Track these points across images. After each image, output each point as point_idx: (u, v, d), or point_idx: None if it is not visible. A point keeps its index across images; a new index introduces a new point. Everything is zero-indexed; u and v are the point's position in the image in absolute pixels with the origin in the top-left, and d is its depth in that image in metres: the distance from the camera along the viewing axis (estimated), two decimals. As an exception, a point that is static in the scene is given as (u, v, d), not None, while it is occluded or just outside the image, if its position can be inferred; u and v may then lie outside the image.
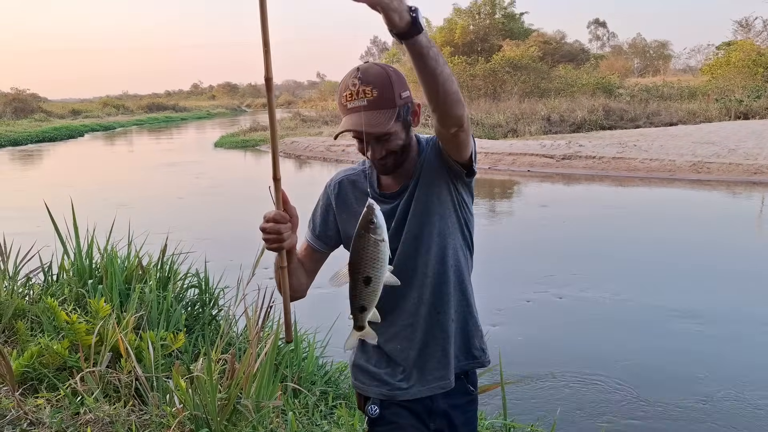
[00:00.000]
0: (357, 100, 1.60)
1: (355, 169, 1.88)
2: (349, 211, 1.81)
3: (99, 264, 4.27)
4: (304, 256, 1.86)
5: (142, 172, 18.19)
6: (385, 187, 1.80)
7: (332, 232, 1.86)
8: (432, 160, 1.74)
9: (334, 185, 1.87)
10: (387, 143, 1.66)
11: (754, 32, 44.66)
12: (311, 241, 1.88)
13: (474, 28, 44.41)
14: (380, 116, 1.60)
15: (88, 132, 39.32)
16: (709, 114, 23.26)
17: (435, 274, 1.76)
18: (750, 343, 5.11)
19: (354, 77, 1.61)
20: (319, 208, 1.89)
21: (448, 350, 1.79)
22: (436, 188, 1.74)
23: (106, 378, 2.98)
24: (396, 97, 1.62)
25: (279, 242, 1.58)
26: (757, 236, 9.12)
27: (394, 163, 1.70)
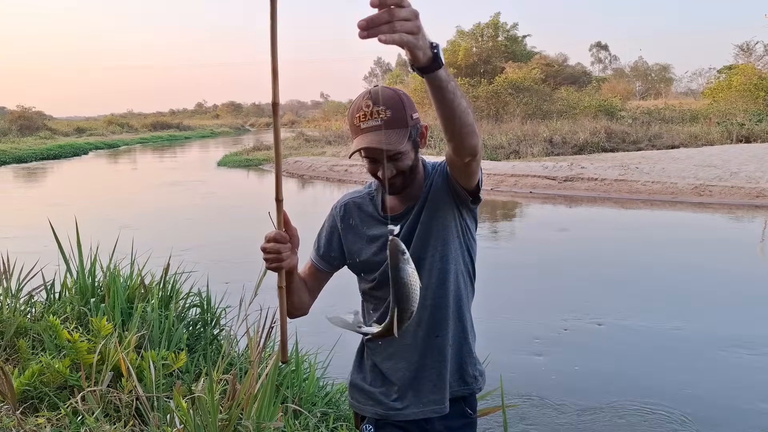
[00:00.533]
0: (371, 120, 1.65)
1: (361, 192, 1.92)
2: (354, 233, 1.86)
3: (102, 282, 4.27)
4: (308, 275, 1.90)
5: (145, 191, 18.25)
6: (390, 210, 1.83)
7: (336, 253, 1.89)
8: (439, 185, 1.77)
9: (339, 207, 1.91)
10: (398, 162, 1.69)
11: (755, 56, 44.98)
12: (315, 261, 1.91)
13: (477, 50, 44.81)
14: (394, 135, 1.64)
15: (92, 150, 39.55)
16: (711, 137, 23.33)
17: (434, 297, 1.78)
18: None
19: (366, 99, 1.67)
20: (325, 230, 1.93)
21: (443, 374, 1.80)
22: (442, 213, 1.76)
23: (107, 397, 2.97)
24: (408, 117, 1.68)
25: (278, 262, 1.60)
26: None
27: (402, 183, 1.74)
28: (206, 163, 27.73)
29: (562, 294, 7.19)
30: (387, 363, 1.84)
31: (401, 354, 1.81)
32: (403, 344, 1.80)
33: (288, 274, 1.67)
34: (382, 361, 1.84)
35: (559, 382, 4.81)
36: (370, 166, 1.73)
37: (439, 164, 1.81)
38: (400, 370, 1.82)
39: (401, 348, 1.81)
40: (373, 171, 1.73)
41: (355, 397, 1.93)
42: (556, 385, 4.73)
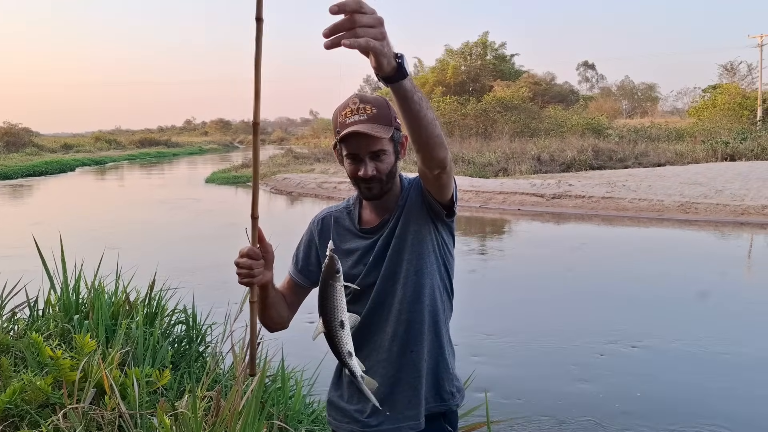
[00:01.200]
0: (357, 115, 1.68)
1: (339, 206, 1.94)
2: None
3: (86, 299, 4.23)
4: (287, 289, 1.91)
5: (132, 208, 18.16)
6: (365, 223, 1.84)
7: (314, 267, 1.89)
8: (413, 199, 1.78)
9: (317, 221, 1.93)
10: (378, 163, 1.71)
11: (739, 76, 45.79)
12: (293, 275, 1.92)
13: (466, 69, 45.22)
14: (380, 129, 1.67)
15: (79, 166, 39.35)
16: (696, 155, 23.61)
17: (409, 312, 1.78)
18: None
19: (354, 98, 1.71)
20: (303, 243, 1.94)
21: (419, 389, 1.79)
22: (417, 227, 1.77)
23: (89, 415, 2.93)
24: (392, 118, 1.71)
25: (250, 278, 1.62)
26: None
27: (380, 189, 1.74)
28: (194, 180, 27.66)
29: (585, 315, 6.99)
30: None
31: (376, 369, 1.79)
32: (379, 359, 1.80)
33: (262, 289, 1.69)
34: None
35: (619, 411, 4.77)
36: (351, 167, 1.74)
37: (414, 178, 1.82)
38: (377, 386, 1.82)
39: (377, 363, 1.80)
40: (354, 171, 1.73)
41: (332, 414, 1.93)
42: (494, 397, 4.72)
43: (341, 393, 1.90)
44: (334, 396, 1.93)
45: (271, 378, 3.79)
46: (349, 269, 1.81)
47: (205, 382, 3.19)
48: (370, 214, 1.85)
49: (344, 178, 21.94)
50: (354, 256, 1.82)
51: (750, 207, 13.69)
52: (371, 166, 1.71)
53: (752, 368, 5.33)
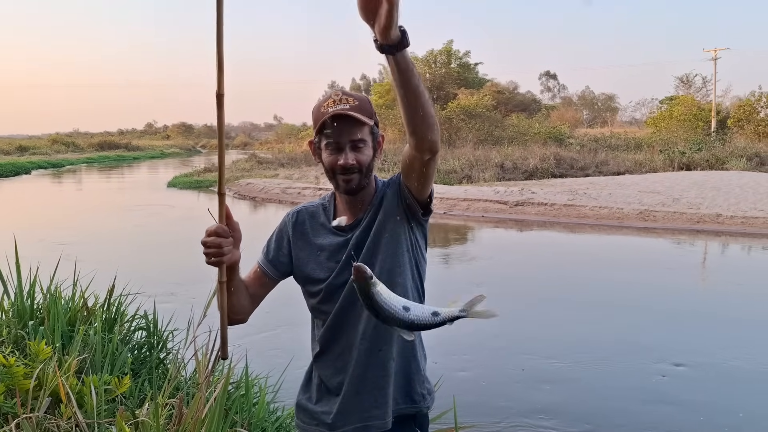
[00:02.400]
0: (340, 104, 1.70)
1: (314, 204, 1.93)
2: (304, 240, 1.86)
3: (41, 305, 4.09)
4: (253, 279, 1.86)
5: (90, 211, 17.73)
6: (341, 220, 1.84)
7: (285, 259, 1.87)
8: (390, 198, 1.78)
9: (292, 214, 1.91)
10: (359, 153, 1.72)
11: (695, 88, 47.19)
12: (263, 265, 1.88)
13: (430, 76, 45.50)
14: (363, 117, 1.70)
15: (35, 169, 38.28)
16: (654, 164, 24.19)
17: None
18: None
19: (336, 91, 1.75)
20: (275, 234, 1.91)
21: (386, 389, 1.78)
22: (392, 226, 1.77)
23: (43, 425, 2.82)
24: (373, 113, 1.75)
25: (219, 256, 1.57)
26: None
27: (358, 181, 1.74)
28: (156, 185, 27.17)
29: (618, 334, 6.61)
30: (334, 379, 1.83)
31: (346, 368, 1.80)
32: (348, 358, 1.79)
33: (229, 271, 1.63)
34: (329, 377, 1.83)
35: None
36: (330, 157, 1.73)
37: (390, 179, 1.83)
38: (344, 384, 1.80)
39: (347, 362, 1.80)
40: (333, 161, 1.72)
41: (300, 417, 1.92)
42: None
43: (310, 395, 1.89)
44: (303, 399, 1.91)
45: (235, 385, 3.71)
46: (319, 266, 1.81)
47: (167, 390, 3.11)
48: (344, 212, 1.84)
49: (308, 184, 21.83)
50: (326, 252, 1.81)
51: (705, 215, 14.07)
52: (351, 155, 1.71)
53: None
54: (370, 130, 1.74)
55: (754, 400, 4.90)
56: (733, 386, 5.11)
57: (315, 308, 1.87)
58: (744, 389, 5.06)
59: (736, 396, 4.95)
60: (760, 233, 12.92)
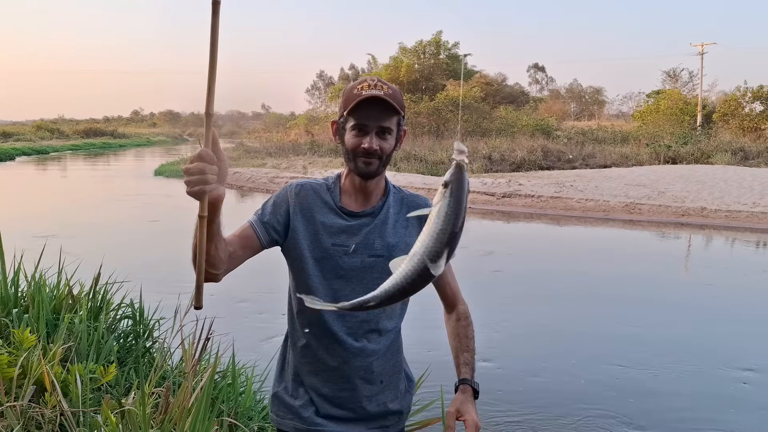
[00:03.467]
0: (375, 90, 1.68)
1: (317, 181, 1.85)
2: (305, 215, 1.77)
3: (26, 292, 4.05)
4: (238, 237, 1.72)
5: (74, 199, 17.56)
6: (345, 204, 1.78)
7: (280, 226, 1.76)
8: (406, 232, 1.80)
9: (296, 185, 1.82)
10: (383, 141, 1.69)
11: (681, 82, 47.45)
12: (255, 225, 1.75)
13: (419, 67, 45.44)
14: (394, 104, 1.68)
15: (19, 155, 37.82)
16: (641, 158, 24.35)
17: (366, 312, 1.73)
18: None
19: (372, 77, 1.73)
20: (273, 199, 1.81)
21: (369, 387, 1.78)
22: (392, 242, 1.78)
23: (27, 413, 2.80)
24: (403, 106, 1.73)
25: (203, 184, 1.39)
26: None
27: (377, 167, 1.71)
28: (142, 173, 26.96)
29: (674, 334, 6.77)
30: (313, 377, 1.78)
31: (326, 365, 1.76)
32: (328, 355, 1.75)
33: (211, 208, 1.46)
34: (307, 373, 1.79)
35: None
36: (354, 139, 1.69)
37: (413, 196, 1.86)
38: (325, 382, 1.77)
39: (325, 358, 1.76)
40: (356, 144, 1.68)
41: (274, 410, 1.85)
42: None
43: (285, 386, 1.83)
44: (279, 388, 1.85)
45: (222, 374, 3.71)
46: (319, 243, 1.75)
47: (153, 379, 3.09)
48: (350, 198, 1.79)
49: (296, 173, 21.75)
50: (330, 230, 1.75)
51: (690, 209, 14.20)
52: (376, 140, 1.68)
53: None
54: (398, 120, 1.72)
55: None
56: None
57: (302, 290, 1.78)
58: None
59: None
60: (743, 227, 13.06)
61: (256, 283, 6.47)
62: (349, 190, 1.79)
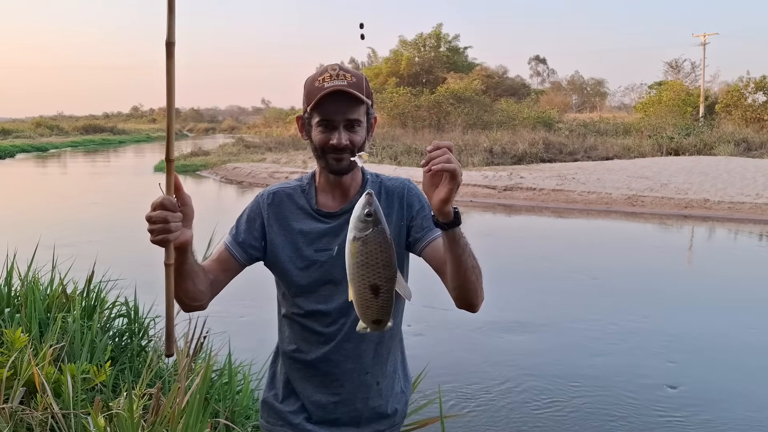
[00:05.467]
0: (337, 80, 1.56)
1: (291, 184, 1.76)
2: (281, 225, 1.69)
3: (19, 291, 3.99)
4: (216, 262, 1.67)
5: (73, 197, 17.51)
6: (322, 205, 1.69)
7: (257, 242, 1.69)
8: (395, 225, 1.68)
9: (267, 195, 1.73)
10: (353, 134, 1.59)
11: (683, 73, 47.23)
12: (231, 247, 1.68)
13: (419, 60, 45.32)
14: (359, 94, 1.57)
15: (18, 153, 37.76)
16: (643, 150, 24.22)
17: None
18: None
19: (333, 65, 1.61)
20: (246, 215, 1.73)
21: (366, 401, 1.72)
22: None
23: (17, 415, 2.74)
24: (370, 92, 1.62)
25: (165, 233, 1.36)
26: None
27: (348, 163, 1.62)
28: (142, 169, 26.89)
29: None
30: (302, 382, 1.72)
31: (316, 370, 1.70)
32: (318, 359, 1.69)
33: (180, 252, 1.42)
34: (299, 379, 1.73)
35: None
36: (321, 136, 1.59)
37: (401, 183, 1.73)
38: (316, 387, 1.71)
39: (315, 362, 1.70)
40: (324, 140, 1.59)
41: (265, 417, 1.80)
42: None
43: (276, 392, 1.77)
44: (269, 396, 1.79)
45: (218, 373, 3.64)
46: (297, 253, 1.67)
47: (146, 379, 3.03)
48: (327, 197, 1.70)
49: (296, 168, 21.66)
50: (309, 237, 1.67)
51: (693, 200, 14.11)
52: (345, 135, 1.58)
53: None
54: (366, 110, 1.61)
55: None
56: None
57: (288, 301, 1.74)
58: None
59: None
60: (747, 218, 12.97)
61: (253, 279, 6.38)
62: (325, 189, 1.70)
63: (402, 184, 1.72)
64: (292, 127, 44.44)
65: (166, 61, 1.32)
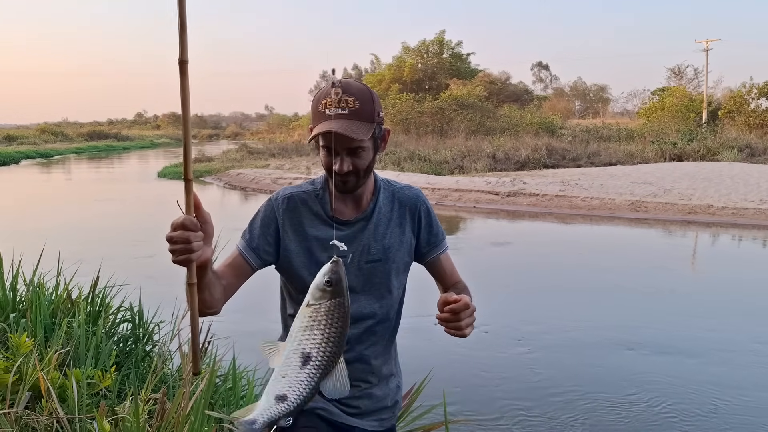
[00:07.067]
0: (338, 108, 1.54)
1: (304, 188, 1.75)
2: (296, 231, 1.70)
3: (24, 297, 4.00)
4: (229, 268, 1.67)
5: (77, 203, 17.56)
6: (337, 213, 1.69)
7: (271, 248, 1.70)
8: (404, 236, 1.78)
9: (282, 199, 1.72)
10: (356, 158, 1.59)
11: (686, 79, 47.28)
12: (244, 252, 1.69)
13: (422, 66, 45.40)
14: (360, 127, 1.55)
15: (23, 159, 37.90)
16: (646, 155, 24.22)
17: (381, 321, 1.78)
18: None
19: (337, 87, 1.56)
20: (260, 219, 1.72)
21: (371, 397, 1.77)
22: (403, 262, 1.80)
23: (23, 420, 2.75)
24: (375, 114, 1.59)
25: (188, 253, 1.35)
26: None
27: (355, 183, 1.62)
28: (146, 175, 26.96)
29: None
30: None
31: None
32: None
33: (200, 270, 1.43)
34: None
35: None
36: (326, 159, 1.60)
37: (409, 191, 1.81)
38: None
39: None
40: (328, 164, 1.60)
41: None
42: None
43: None
44: None
45: (222, 378, 3.65)
46: (311, 260, 1.69)
47: (150, 383, 3.04)
48: (341, 203, 1.70)
49: (299, 174, 21.70)
50: (324, 243, 1.68)
51: (696, 206, 14.09)
52: (348, 161, 1.58)
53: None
54: (372, 132, 1.59)
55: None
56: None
57: (295, 300, 1.74)
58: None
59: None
60: (751, 224, 12.95)
61: (258, 284, 6.40)
62: (337, 197, 1.69)
63: (415, 197, 1.80)
64: (295, 133, 44.57)
65: (180, 80, 1.31)
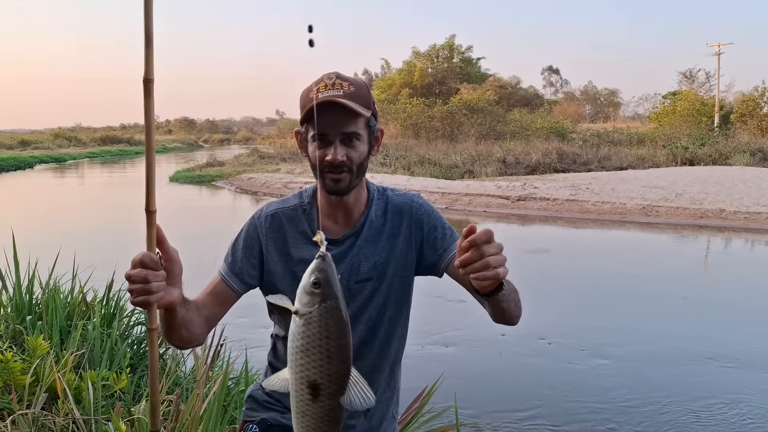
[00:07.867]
0: (333, 90, 1.42)
1: (290, 203, 1.62)
2: (280, 252, 1.58)
3: (40, 299, 4.06)
4: (211, 295, 1.55)
5: (91, 206, 17.71)
6: (325, 230, 1.58)
7: (255, 270, 1.58)
8: (406, 244, 1.60)
9: (265, 217, 1.60)
10: (351, 149, 1.46)
11: (698, 83, 47.05)
12: (226, 277, 1.57)
13: (432, 71, 45.46)
14: (357, 106, 1.44)
15: (37, 163, 38.28)
16: (657, 159, 24.10)
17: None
18: None
19: (329, 74, 1.46)
20: (242, 240, 1.60)
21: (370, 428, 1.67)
22: (403, 275, 1.62)
23: (39, 421, 2.79)
24: (370, 102, 1.49)
25: (146, 294, 1.21)
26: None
27: (348, 182, 1.48)
28: (157, 179, 26.90)
29: None
30: None
31: None
32: None
33: (167, 312, 1.31)
34: None
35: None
36: (317, 151, 1.45)
37: (406, 198, 1.62)
38: None
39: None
40: (320, 156, 1.44)
41: (248, 408, 1.71)
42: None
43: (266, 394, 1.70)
44: (257, 391, 1.72)
45: (235, 380, 3.68)
46: (297, 283, 1.61)
47: (165, 385, 3.08)
48: (329, 220, 1.57)
49: (311, 178, 21.79)
50: (306, 267, 1.59)
51: (708, 210, 14.01)
52: (342, 150, 1.44)
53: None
54: (367, 122, 1.48)
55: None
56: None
57: (283, 324, 1.59)
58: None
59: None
60: (764, 228, 12.86)
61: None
62: (326, 210, 1.56)
63: (410, 200, 1.62)
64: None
65: (144, 100, 1.19)
